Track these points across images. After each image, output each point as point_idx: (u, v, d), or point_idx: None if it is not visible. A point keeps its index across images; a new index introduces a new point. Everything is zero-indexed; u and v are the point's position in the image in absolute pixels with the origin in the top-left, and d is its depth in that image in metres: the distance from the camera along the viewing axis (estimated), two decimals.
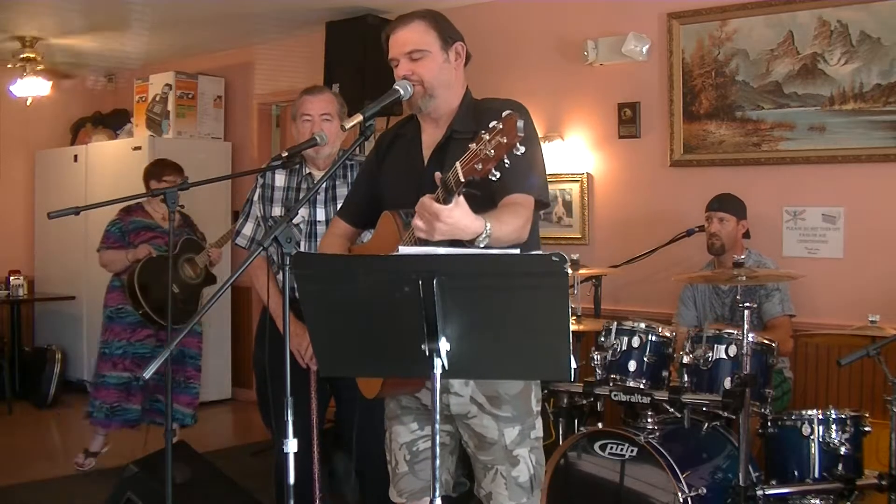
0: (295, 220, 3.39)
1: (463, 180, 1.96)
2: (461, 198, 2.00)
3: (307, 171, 3.49)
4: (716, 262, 4.27)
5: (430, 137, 2.44)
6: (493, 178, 1.94)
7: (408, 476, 2.48)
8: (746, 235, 4.26)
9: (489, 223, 2.05)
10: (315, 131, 3.36)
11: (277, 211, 3.47)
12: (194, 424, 5.13)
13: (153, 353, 4.85)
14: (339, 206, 3.39)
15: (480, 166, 1.92)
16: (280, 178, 3.52)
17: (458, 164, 1.97)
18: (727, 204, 4.20)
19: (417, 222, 2.04)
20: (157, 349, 4.85)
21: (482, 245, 2.05)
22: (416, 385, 2.37)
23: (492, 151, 1.89)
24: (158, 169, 5.00)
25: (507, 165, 1.91)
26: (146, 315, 4.82)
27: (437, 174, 2.06)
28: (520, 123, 1.87)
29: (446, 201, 2.00)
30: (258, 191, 3.54)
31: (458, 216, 1.99)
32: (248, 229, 3.60)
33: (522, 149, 1.89)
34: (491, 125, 1.91)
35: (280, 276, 2.61)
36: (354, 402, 3.29)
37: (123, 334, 4.96)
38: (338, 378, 3.38)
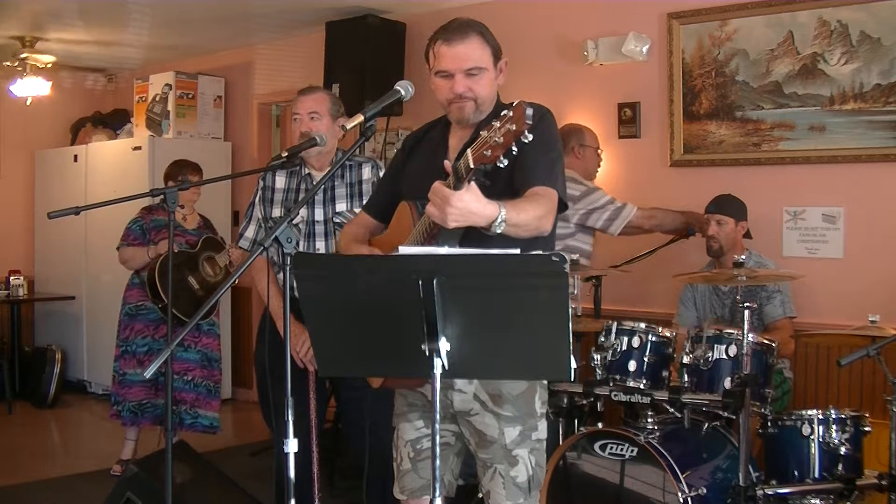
0: (294, 221, 3.40)
1: (473, 167, 1.99)
2: (472, 184, 2.02)
3: (306, 172, 3.49)
4: (715, 262, 4.26)
5: (458, 140, 2.47)
6: (502, 166, 1.97)
7: (410, 474, 2.49)
8: (748, 236, 4.25)
9: (504, 209, 2.06)
10: (302, 130, 3.37)
11: (277, 212, 3.48)
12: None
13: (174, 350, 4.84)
14: (336, 206, 3.41)
15: (489, 153, 1.95)
16: (280, 180, 3.52)
17: (468, 151, 2.01)
18: (725, 206, 4.18)
19: (430, 208, 2.05)
20: (177, 346, 4.85)
21: (499, 231, 2.07)
22: (419, 379, 2.38)
23: (500, 138, 1.93)
24: (177, 170, 5.01)
25: (514, 153, 1.94)
26: (165, 308, 4.79)
27: (447, 162, 2.08)
28: (528, 111, 1.90)
29: (457, 188, 2.02)
30: (259, 193, 3.55)
31: (468, 200, 2.00)
32: (250, 232, 3.60)
33: (530, 136, 1.92)
34: (502, 113, 1.95)
35: (281, 277, 2.60)
36: (355, 402, 3.30)
37: (146, 331, 4.95)
38: (338, 377, 3.39)
